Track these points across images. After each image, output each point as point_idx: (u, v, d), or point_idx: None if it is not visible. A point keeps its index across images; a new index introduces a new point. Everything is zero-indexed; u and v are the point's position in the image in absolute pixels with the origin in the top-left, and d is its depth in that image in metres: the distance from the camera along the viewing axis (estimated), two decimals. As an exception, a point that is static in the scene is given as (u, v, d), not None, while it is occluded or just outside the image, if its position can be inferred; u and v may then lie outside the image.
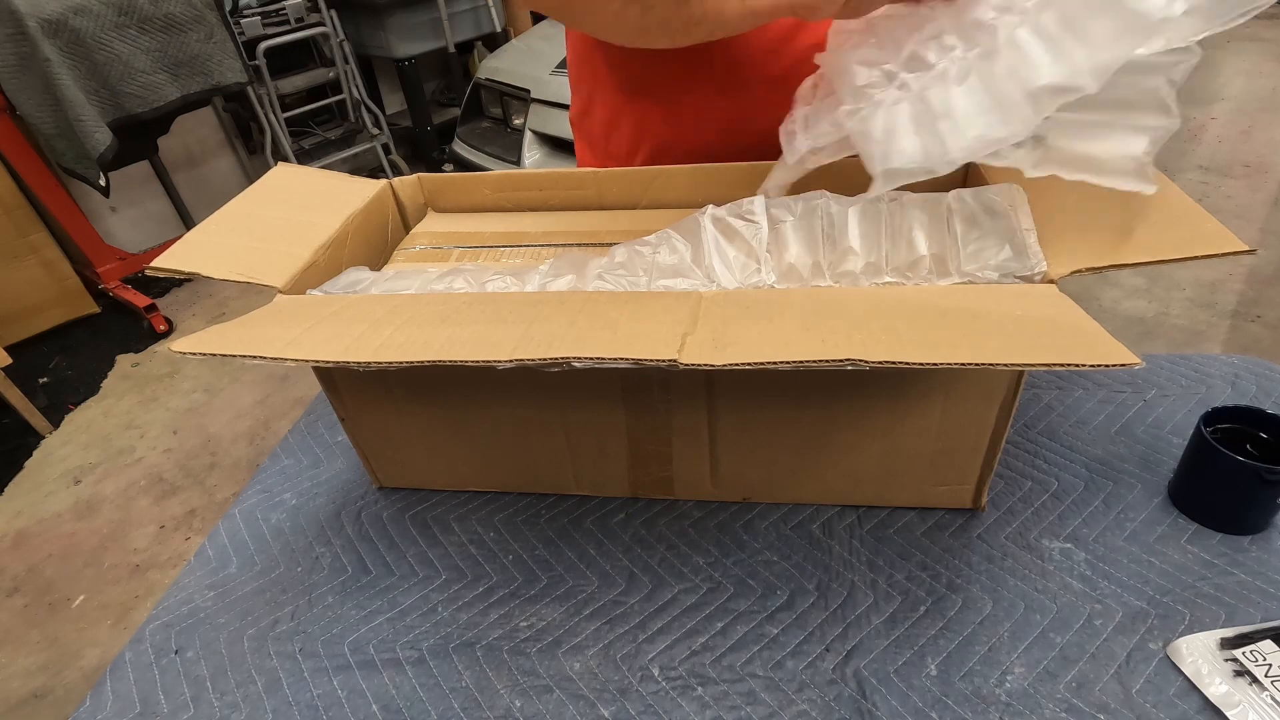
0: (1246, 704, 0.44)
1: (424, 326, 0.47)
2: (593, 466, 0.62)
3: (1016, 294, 0.46)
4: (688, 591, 0.56)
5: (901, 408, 0.53)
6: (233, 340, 0.47)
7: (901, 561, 0.56)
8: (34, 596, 1.54)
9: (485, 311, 0.49)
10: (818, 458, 0.58)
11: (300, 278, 0.58)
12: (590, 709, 0.49)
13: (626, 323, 0.45)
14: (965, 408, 0.52)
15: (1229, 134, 2.86)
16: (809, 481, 0.60)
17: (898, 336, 0.41)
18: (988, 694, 0.47)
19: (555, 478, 0.64)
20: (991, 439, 0.53)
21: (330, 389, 0.61)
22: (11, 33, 1.86)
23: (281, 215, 0.65)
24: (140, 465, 1.86)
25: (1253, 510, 0.55)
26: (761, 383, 0.53)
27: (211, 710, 0.52)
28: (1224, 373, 0.70)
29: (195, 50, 2.13)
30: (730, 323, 0.44)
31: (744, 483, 0.61)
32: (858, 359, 0.38)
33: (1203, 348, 1.86)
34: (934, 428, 0.53)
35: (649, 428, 0.58)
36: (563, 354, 0.41)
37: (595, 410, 0.58)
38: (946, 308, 0.44)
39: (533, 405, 0.59)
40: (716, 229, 0.57)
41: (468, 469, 0.66)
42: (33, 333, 2.30)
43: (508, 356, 0.42)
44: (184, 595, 0.61)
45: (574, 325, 0.45)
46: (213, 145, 2.75)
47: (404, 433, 0.63)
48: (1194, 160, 2.70)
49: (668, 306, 0.47)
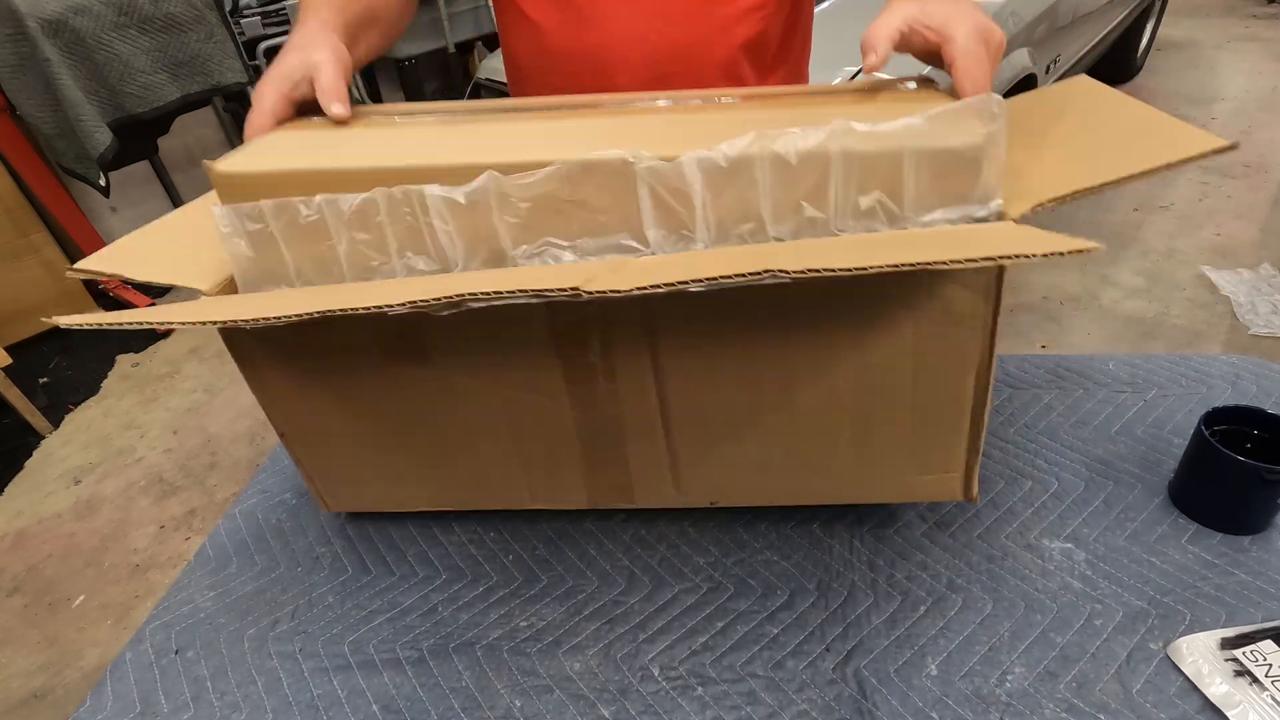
0: (1247, 704, 0.44)
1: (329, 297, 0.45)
2: (546, 475, 0.59)
3: (970, 230, 0.43)
4: (688, 591, 0.56)
5: (865, 339, 0.48)
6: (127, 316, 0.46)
7: (901, 561, 0.56)
8: (34, 596, 1.54)
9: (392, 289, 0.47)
10: (783, 447, 0.53)
11: (228, 284, 0.55)
12: (590, 709, 0.49)
13: (539, 275, 0.43)
14: (937, 376, 0.48)
15: (1229, 134, 2.84)
16: (779, 479, 0.56)
17: (829, 256, 0.37)
18: (988, 694, 0.47)
19: (508, 491, 0.60)
20: (973, 417, 0.49)
21: (263, 397, 0.58)
22: (12, 33, 1.86)
23: None
24: (140, 465, 1.86)
25: (1253, 510, 0.55)
26: (709, 335, 0.49)
27: (212, 710, 0.52)
28: (1224, 373, 0.70)
29: (195, 50, 2.13)
30: (652, 265, 0.42)
31: (709, 484, 0.57)
32: (778, 270, 0.34)
33: (1203, 348, 1.86)
34: (905, 401, 0.49)
35: (599, 424, 0.54)
36: (457, 292, 0.39)
37: (540, 409, 0.54)
38: (891, 240, 0.42)
39: (475, 406, 0.55)
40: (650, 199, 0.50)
41: (417, 489, 0.62)
42: (33, 333, 2.30)
43: (400, 300, 0.39)
44: (184, 595, 0.61)
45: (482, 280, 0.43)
46: (213, 145, 2.75)
47: (344, 449, 0.60)
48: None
49: (588, 265, 0.46)
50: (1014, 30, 1.92)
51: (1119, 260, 2.20)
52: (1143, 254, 2.22)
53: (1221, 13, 4.20)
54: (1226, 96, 3.17)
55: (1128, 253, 2.23)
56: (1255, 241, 2.23)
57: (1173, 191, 2.51)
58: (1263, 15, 4.14)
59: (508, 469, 0.59)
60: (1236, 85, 3.28)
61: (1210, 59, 3.61)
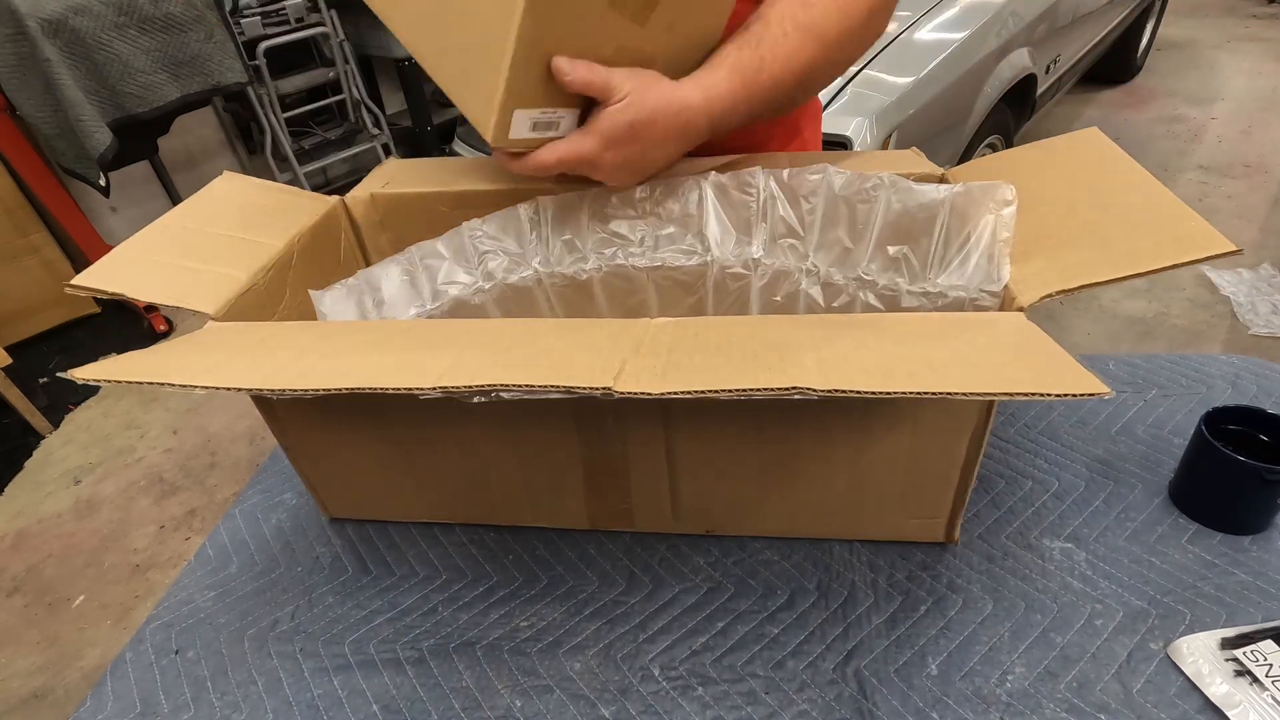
0: (1247, 704, 0.44)
1: (350, 354, 0.45)
2: (549, 499, 0.59)
3: (981, 322, 0.44)
4: (688, 591, 0.56)
5: (867, 440, 0.50)
6: (144, 368, 0.44)
7: (902, 561, 0.56)
8: (34, 596, 1.54)
9: (420, 338, 0.47)
10: (781, 491, 0.55)
11: (236, 303, 0.55)
12: (591, 709, 0.49)
13: (564, 350, 0.43)
14: (934, 439, 0.49)
15: (1229, 134, 2.86)
16: (774, 515, 0.57)
17: (849, 364, 0.39)
18: (988, 694, 0.47)
19: (511, 510, 0.61)
20: (963, 472, 0.51)
21: (270, 418, 0.58)
22: (12, 33, 1.86)
23: (222, 231, 0.61)
24: (140, 465, 1.86)
25: (1253, 510, 0.55)
26: (718, 413, 0.50)
27: (212, 710, 0.52)
28: (1225, 373, 0.70)
29: (195, 50, 2.13)
30: (676, 350, 0.43)
31: (706, 516, 0.59)
32: (805, 387, 0.36)
33: (1203, 348, 1.86)
34: (902, 459, 0.51)
35: (605, 459, 0.55)
36: (490, 382, 0.39)
37: (548, 441, 0.55)
38: (906, 334, 0.43)
39: (482, 436, 0.56)
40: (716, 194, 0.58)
41: (418, 501, 0.63)
42: (33, 333, 2.30)
43: (432, 384, 0.39)
44: (184, 595, 0.61)
45: (508, 352, 0.43)
46: (213, 145, 2.76)
47: (349, 464, 0.60)
48: (1194, 160, 2.70)
49: (613, 334, 0.45)
50: (1014, 30, 1.92)
51: (1119, 260, 2.20)
52: (1143, 254, 2.22)
53: (1221, 12, 4.20)
54: (1226, 96, 3.17)
55: (1128, 253, 2.23)
56: (1255, 241, 2.23)
57: (1173, 191, 2.51)
58: (1263, 15, 4.14)
59: (512, 492, 0.60)
60: (1236, 85, 3.28)
61: (1210, 59, 3.61)
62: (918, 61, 1.67)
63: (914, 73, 1.63)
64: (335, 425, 0.58)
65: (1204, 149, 2.77)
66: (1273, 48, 3.67)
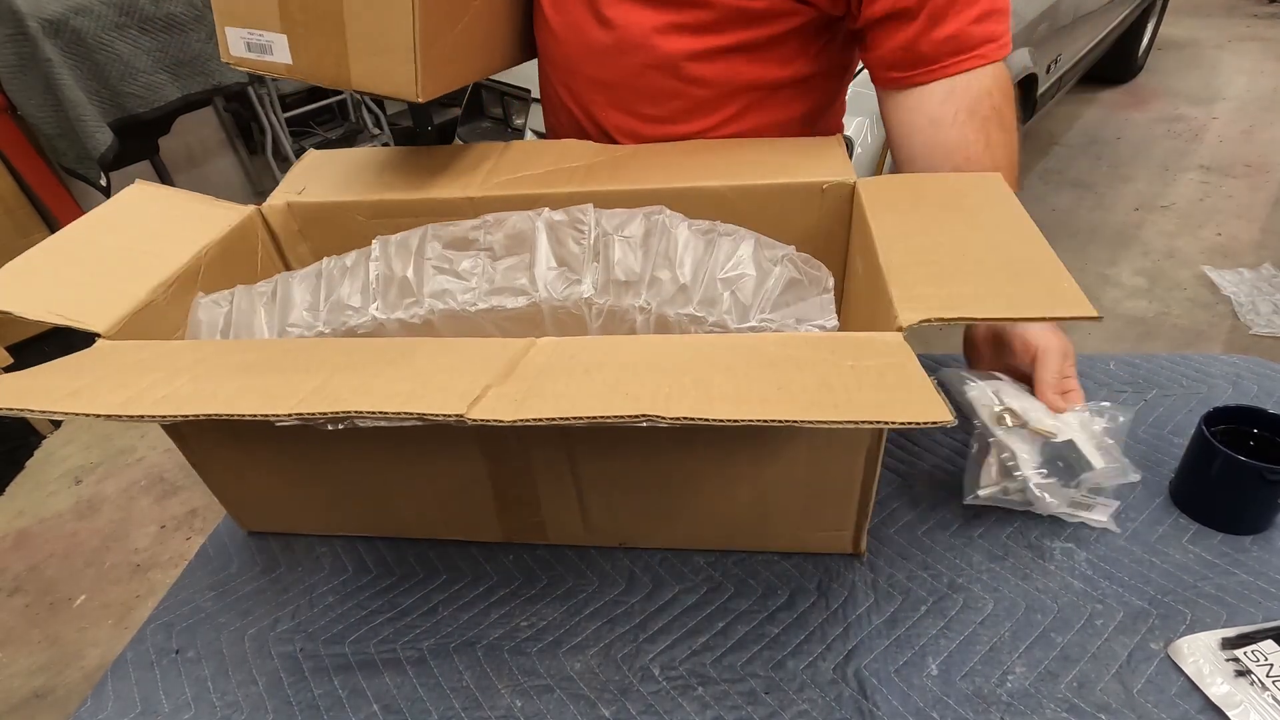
0: (1248, 704, 0.44)
1: (219, 378, 0.45)
2: (461, 513, 0.59)
3: (856, 344, 0.45)
4: (688, 591, 0.56)
5: (764, 458, 0.51)
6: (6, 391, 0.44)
7: (901, 561, 0.56)
8: (35, 596, 1.54)
9: (298, 359, 0.47)
10: (687, 505, 0.56)
11: (130, 321, 0.53)
12: (591, 709, 0.49)
13: (432, 374, 0.44)
14: (830, 456, 0.50)
15: (1230, 134, 2.86)
16: (683, 527, 0.57)
17: (708, 391, 0.40)
18: (989, 694, 0.47)
19: (424, 525, 0.61)
20: (863, 487, 0.51)
21: (175, 436, 0.57)
22: (12, 33, 1.86)
23: (125, 244, 0.59)
24: (141, 465, 1.86)
25: (1254, 510, 0.55)
26: (614, 434, 0.51)
27: (212, 710, 0.52)
28: (1225, 373, 0.70)
29: (196, 50, 2.13)
30: (545, 374, 0.43)
31: (617, 528, 0.59)
32: (654, 415, 0.37)
33: (1204, 348, 1.86)
34: (800, 476, 0.52)
35: (511, 476, 0.55)
36: (345, 409, 0.39)
37: (453, 461, 0.55)
38: (776, 358, 0.43)
39: (383, 456, 0.55)
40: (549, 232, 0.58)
41: (331, 516, 0.62)
42: (33, 333, 2.30)
43: (288, 411, 0.40)
44: (185, 595, 0.61)
45: (377, 377, 0.43)
46: (213, 145, 2.75)
47: (257, 481, 0.60)
48: (1195, 160, 2.70)
49: (489, 356, 0.45)
50: (1014, 29, 1.92)
51: (1119, 260, 2.20)
52: (1143, 254, 2.22)
53: (1222, 12, 4.20)
54: (1227, 96, 3.17)
55: (1128, 253, 2.23)
56: (1256, 241, 2.23)
57: (1173, 191, 2.51)
58: (1263, 15, 4.14)
59: (423, 509, 0.60)
60: (1237, 85, 3.28)
61: (1211, 59, 3.61)
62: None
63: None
64: (237, 444, 0.57)
65: (1205, 149, 2.77)
66: (1273, 47, 3.66)
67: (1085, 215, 2.42)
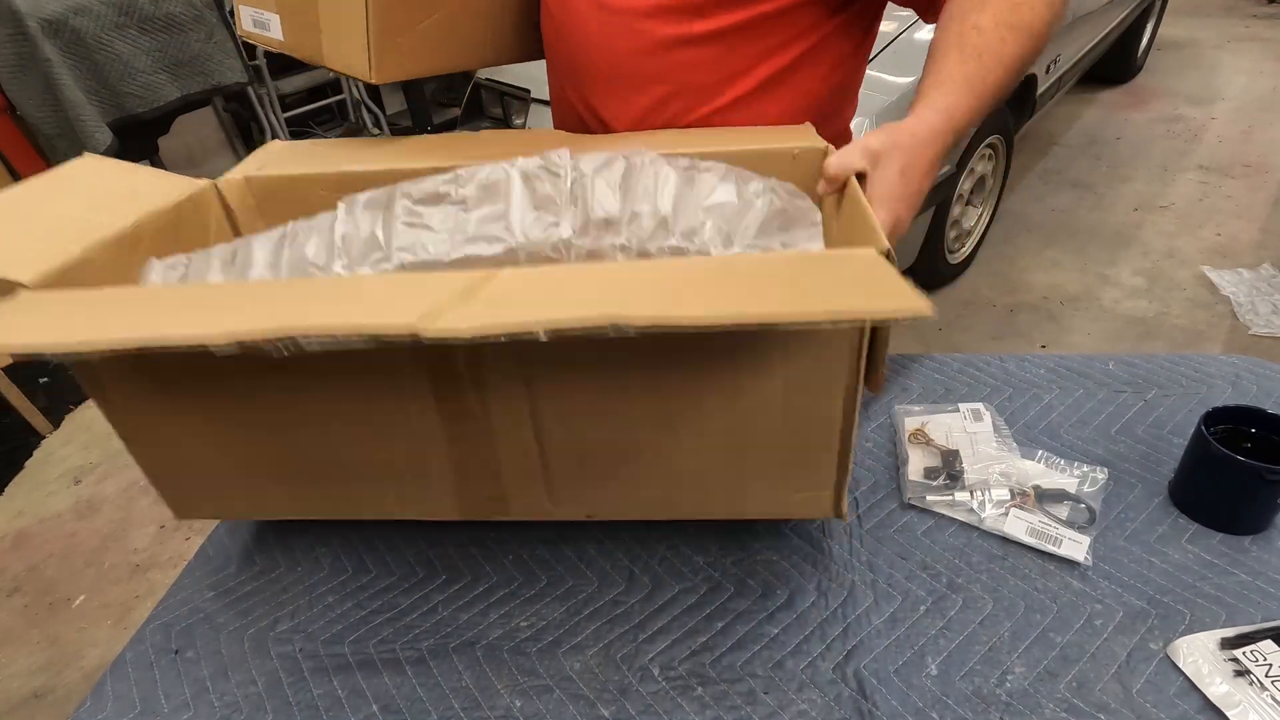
0: (1247, 704, 0.44)
1: (154, 314, 0.41)
2: (414, 483, 0.55)
3: (834, 259, 0.43)
4: (688, 591, 0.56)
5: (737, 392, 0.48)
6: None
7: (901, 561, 0.56)
8: (34, 596, 1.54)
9: (238, 299, 0.43)
10: (658, 457, 0.52)
11: (60, 275, 0.48)
12: (590, 709, 0.49)
13: (386, 298, 0.40)
14: (806, 393, 0.47)
15: (1229, 134, 2.86)
16: (655, 490, 0.54)
17: (679, 299, 0.37)
18: (988, 694, 0.47)
19: (374, 500, 0.57)
20: (842, 435, 0.49)
21: (103, 403, 0.52)
22: (12, 33, 1.86)
23: (66, 208, 0.56)
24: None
25: (1253, 510, 0.55)
26: (581, 366, 0.47)
27: (212, 710, 0.52)
28: (1225, 373, 0.70)
29: (195, 50, 2.13)
30: (506, 298, 0.40)
31: (584, 498, 0.55)
32: (622, 320, 0.34)
33: (1203, 348, 1.86)
34: (777, 419, 0.48)
35: (467, 426, 0.51)
36: (289, 329, 0.35)
37: (404, 412, 0.51)
38: (752, 272, 0.41)
39: (329, 408, 0.51)
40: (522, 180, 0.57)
41: (271, 493, 0.57)
42: None
43: (224, 333, 0.36)
44: (184, 595, 0.61)
45: (326, 305, 0.40)
46: (213, 145, 2.75)
47: (192, 453, 0.55)
48: (1194, 160, 2.70)
49: (448, 283, 0.42)
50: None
51: (1119, 260, 2.20)
52: (1143, 254, 2.22)
53: (1221, 12, 4.20)
54: (1227, 96, 3.17)
55: (1128, 253, 2.23)
56: (1255, 241, 2.23)
57: (1173, 191, 2.51)
58: (1263, 15, 4.14)
59: (373, 477, 0.55)
60: (1237, 85, 3.28)
61: (1210, 59, 3.61)
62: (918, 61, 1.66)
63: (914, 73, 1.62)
64: (170, 408, 0.52)
65: (1204, 149, 2.77)
66: (1273, 47, 3.67)
67: (1085, 215, 2.42)
